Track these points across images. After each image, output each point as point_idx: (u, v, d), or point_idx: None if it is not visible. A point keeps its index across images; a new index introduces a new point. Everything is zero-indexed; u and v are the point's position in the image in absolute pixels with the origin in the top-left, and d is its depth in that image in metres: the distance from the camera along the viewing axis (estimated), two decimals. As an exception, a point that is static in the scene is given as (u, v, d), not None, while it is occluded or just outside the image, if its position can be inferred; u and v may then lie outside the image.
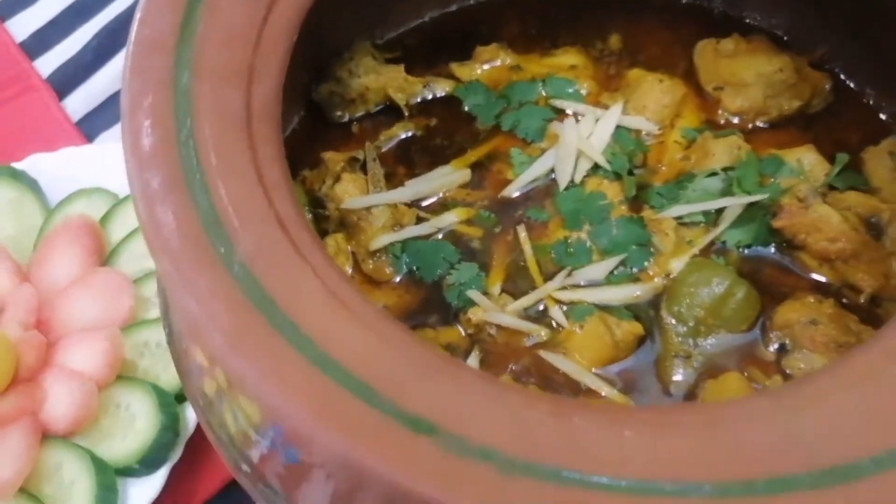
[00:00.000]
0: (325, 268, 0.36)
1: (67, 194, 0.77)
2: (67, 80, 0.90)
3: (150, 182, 0.35)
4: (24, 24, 0.94)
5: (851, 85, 0.61)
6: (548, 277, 0.54)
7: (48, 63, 0.92)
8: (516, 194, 0.58)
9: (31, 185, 0.78)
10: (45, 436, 0.65)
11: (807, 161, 0.56)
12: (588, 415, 0.32)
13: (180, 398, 0.66)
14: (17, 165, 0.78)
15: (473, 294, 0.53)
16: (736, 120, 0.60)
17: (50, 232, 0.74)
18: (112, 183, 0.77)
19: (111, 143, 0.84)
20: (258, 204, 0.36)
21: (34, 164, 0.79)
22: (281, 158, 0.39)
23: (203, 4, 0.41)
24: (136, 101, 0.37)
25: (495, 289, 0.54)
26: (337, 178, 0.57)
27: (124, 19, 0.93)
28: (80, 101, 0.89)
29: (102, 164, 0.79)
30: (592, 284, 0.54)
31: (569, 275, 0.54)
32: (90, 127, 0.87)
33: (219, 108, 0.38)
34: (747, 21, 0.64)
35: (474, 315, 0.52)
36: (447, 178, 0.58)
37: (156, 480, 0.64)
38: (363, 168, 0.58)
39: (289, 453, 0.39)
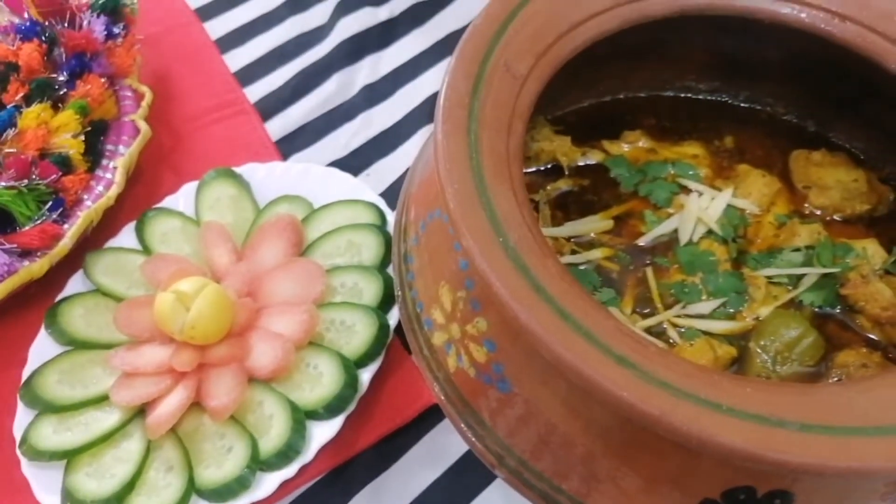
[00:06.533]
0: (552, 256, 0.55)
1: (273, 197, 0.97)
2: (269, 108, 1.12)
3: (458, 191, 0.55)
4: (237, 58, 1.18)
5: (910, 200, 0.80)
6: (667, 307, 0.72)
7: (255, 92, 1.14)
8: (646, 244, 0.77)
9: (245, 186, 0.98)
10: (251, 379, 0.84)
11: (870, 250, 0.74)
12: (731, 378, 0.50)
13: (358, 364, 0.84)
14: (236, 169, 0.99)
15: (613, 310, 0.71)
16: (818, 212, 0.79)
17: (262, 224, 0.94)
18: (308, 194, 0.98)
19: (303, 163, 1.05)
20: (516, 214, 0.56)
21: (249, 170, 0.99)
22: (523, 186, 0.58)
23: (484, 80, 0.61)
24: (446, 137, 0.57)
25: (627, 310, 0.73)
26: (517, 213, 0.76)
27: (319, 65, 1.16)
28: (278, 127, 1.10)
29: (301, 179, 0.99)
30: (700, 316, 0.72)
31: (683, 307, 0.72)
32: (286, 147, 1.08)
33: (492, 149, 0.58)
34: (833, 140, 0.84)
35: (612, 325, 0.71)
36: (595, 224, 0.77)
37: (335, 424, 0.80)
38: (535, 208, 0.77)
39: (503, 386, 0.58)
